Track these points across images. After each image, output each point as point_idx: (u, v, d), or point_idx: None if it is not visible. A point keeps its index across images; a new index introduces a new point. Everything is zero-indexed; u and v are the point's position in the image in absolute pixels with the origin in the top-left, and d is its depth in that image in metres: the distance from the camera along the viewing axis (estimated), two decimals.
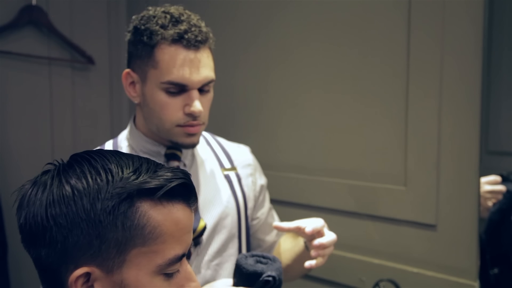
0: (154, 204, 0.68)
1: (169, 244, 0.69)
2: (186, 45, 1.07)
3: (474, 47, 1.31)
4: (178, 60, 1.06)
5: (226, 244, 1.21)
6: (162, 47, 1.07)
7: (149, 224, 0.67)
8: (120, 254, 0.67)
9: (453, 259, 1.39)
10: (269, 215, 1.35)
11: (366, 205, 1.55)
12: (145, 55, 1.09)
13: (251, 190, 1.27)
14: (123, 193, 0.66)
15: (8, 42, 1.98)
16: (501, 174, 1.36)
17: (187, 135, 1.12)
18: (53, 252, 0.67)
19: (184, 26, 1.07)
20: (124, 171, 0.68)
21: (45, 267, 0.69)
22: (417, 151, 1.43)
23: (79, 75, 2.21)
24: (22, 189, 0.71)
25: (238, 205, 1.23)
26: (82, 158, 0.70)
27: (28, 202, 0.69)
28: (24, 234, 0.70)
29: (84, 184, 0.66)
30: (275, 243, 1.35)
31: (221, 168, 1.25)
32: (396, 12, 1.45)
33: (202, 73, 1.09)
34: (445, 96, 1.37)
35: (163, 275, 0.70)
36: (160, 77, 1.07)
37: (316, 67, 1.64)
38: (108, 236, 0.66)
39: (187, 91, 1.09)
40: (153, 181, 0.68)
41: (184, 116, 1.10)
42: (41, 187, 0.68)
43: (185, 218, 0.71)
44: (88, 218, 0.65)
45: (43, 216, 0.66)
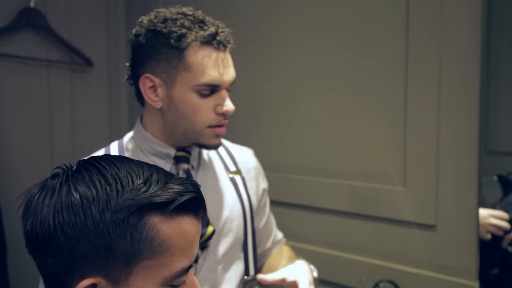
0: (164, 217, 0.67)
1: (176, 257, 0.68)
2: (217, 46, 1.07)
3: (473, 47, 1.31)
4: (212, 61, 1.07)
5: (233, 248, 1.20)
6: (194, 50, 1.06)
7: (158, 237, 0.67)
8: (127, 266, 0.66)
9: (452, 259, 1.39)
10: (268, 222, 1.33)
11: (366, 206, 1.55)
12: (173, 58, 1.07)
13: (254, 193, 1.27)
14: (133, 205, 0.65)
15: (6, 45, 1.98)
16: (500, 174, 1.36)
17: (215, 136, 1.13)
18: (59, 261, 0.66)
19: (213, 28, 1.07)
20: (134, 181, 0.67)
21: (50, 275, 0.69)
22: (416, 151, 1.43)
23: (77, 77, 2.21)
24: (29, 193, 0.70)
25: (243, 208, 1.22)
26: (91, 165, 0.69)
27: (35, 208, 0.67)
28: (30, 241, 0.68)
29: (94, 193, 0.65)
30: (269, 250, 1.35)
31: (227, 171, 1.24)
32: (395, 12, 1.44)
33: (231, 73, 1.11)
34: (444, 96, 1.37)
35: (170, 287, 0.69)
36: (195, 79, 1.07)
37: (314, 68, 1.64)
38: (116, 248, 0.65)
39: (217, 92, 1.10)
40: (163, 194, 0.67)
41: (216, 116, 1.10)
42: (49, 192, 0.67)
43: (193, 231, 0.71)
44: (96, 229, 0.64)
45: (51, 224, 0.65)
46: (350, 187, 1.58)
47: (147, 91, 1.12)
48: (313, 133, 1.66)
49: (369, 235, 1.57)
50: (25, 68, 2.05)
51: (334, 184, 1.61)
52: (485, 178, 1.35)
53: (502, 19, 1.32)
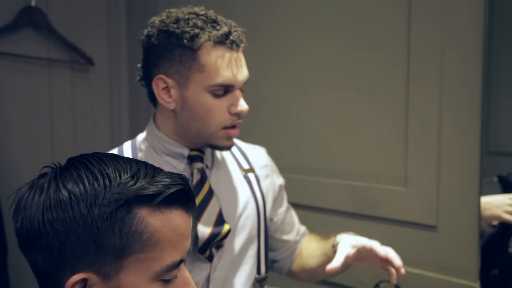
0: (152, 210, 0.67)
1: (167, 251, 0.68)
2: (230, 45, 1.06)
3: (475, 47, 1.31)
4: (225, 61, 1.06)
5: (246, 246, 1.19)
6: (207, 50, 1.05)
7: (147, 231, 0.67)
8: (117, 260, 0.66)
9: (453, 260, 1.39)
10: (287, 215, 1.32)
11: (367, 206, 1.55)
12: (186, 59, 1.06)
13: (269, 191, 1.26)
14: (120, 199, 0.65)
15: (7, 44, 1.98)
16: (501, 175, 1.36)
17: (227, 138, 1.12)
18: (49, 257, 0.66)
19: (225, 27, 1.06)
20: (121, 176, 0.67)
21: (42, 272, 0.69)
22: (417, 152, 1.43)
23: (78, 76, 2.21)
24: (19, 192, 0.71)
25: (257, 206, 1.21)
26: (79, 162, 0.69)
27: (25, 206, 0.68)
28: (21, 239, 0.69)
29: (81, 189, 0.65)
30: (296, 243, 1.33)
31: (240, 169, 1.24)
32: (397, 10, 1.44)
33: (244, 72, 1.10)
34: (446, 97, 1.37)
35: (161, 281, 0.69)
36: (209, 80, 1.06)
37: (315, 68, 1.64)
38: (105, 242, 0.65)
39: (230, 92, 1.09)
40: (151, 187, 0.67)
41: (230, 116, 1.10)
42: (38, 190, 0.68)
43: (183, 224, 0.71)
44: (85, 224, 0.64)
45: (40, 221, 0.65)
46: (351, 187, 1.58)
47: (160, 92, 1.10)
48: (314, 133, 1.66)
49: (370, 236, 1.56)
50: (26, 67, 2.05)
51: (335, 184, 1.61)
52: (486, 179, 1.35)
53: (504, 19, 1.32)
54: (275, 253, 1.32)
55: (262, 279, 1.24)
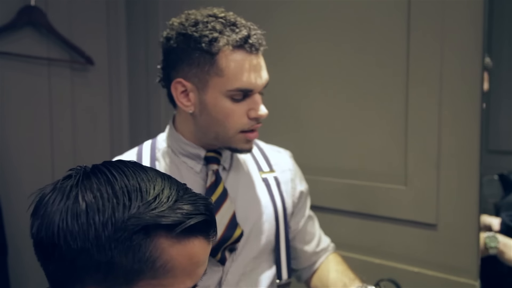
0: (169, 239, 0.65)
1: (180, 279, 0.66)
2: (249, 49, 1.04)
3: (474, 46, 1.31)
4: (245, 66, 1.03)
5: (263, 251, 1.18)
6: (226, 54, 1.03)
7: (161, 258, 0.64)
8: (127, 283, 0.64)
9: (453, 258, 1.39)
10: (308, 224, 1.29)
11: (366, 205, 1.55)
12: (204, 63, 1.04)
13: (289, 196, 1.23)
14: (138, 224, 0.63)
15: (7, 43, 1.97)
16: (501, 173, 1.36)
17: (246, 141, 1.11)
18: (61, 268, 0.65)
19: (245, 31, 1.04)
20: (143, 196, 0.64)
21: (53, 279, 0.68)
22: (417, 150, 1.43)
23: (78, 76, 2.21)
24: (41, 192, 0.68)
25: (276, 211, 1.19)
26: (101, 173, 0.67)
27: (44, 212, 0.66)
28: (36, 244, 0.68)
29: (100, 204, 0.63)
30: (315, 256, 1.29)
31: (260, 172, 1.21)
32: (396, 11, 1.44)
33: (264, 76, 1.07)
34: (445, 95, 1.37)
35: None
36: (227, 85, 1.04)
37: (315, 67, 1.64)
38: (117, 265, 0.63)
39: (250, 96, 1.06)
40: (171, 215, 0.64)
41: (249, 121, 1.08)
42: (59, 196, 0.66)
43: (200, 252, 0.68)
44: (98, 243, 0.63)
45: (55, 232, 0.64)
46: (351, 186, 1.58)
47: (179, 96, 1.09)
48: (314, 132, 1.66)
49: (370, 234, 1.57)
50: (25, 67, 2.04)
51: (335, 183, 1.61)
52: (486, 177, 1.35)
53: (503, 18, 1.32)
54: (294, 261, 1.29)
55: (284, 284, 1.22)
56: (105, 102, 2.31)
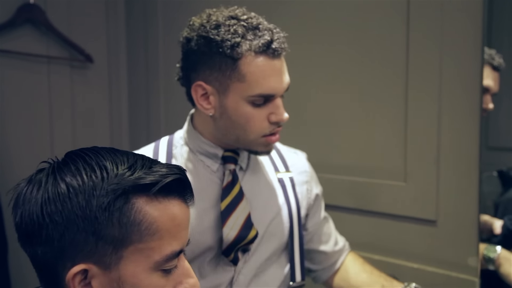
0: (149, 200, 0.68)
1: (166, 240, 0.69)
2: (272, 54, 1.02)
3: (473, 43, 1.31)
4: (267, 71, 1.02)
5: (276, 252, 1.17)
6: (248, 60, 1.01)
7: (145, 220, 0.67)
8: (117, 250, 0.66)
9: (453, 254, 1.39)
10: (323, 225, 1.29)
11: (366, 201, 1.55)
12: (226, 67, 1.02)
13: (304, 198, 1.23)
14: (118, 189, 0.66)
15: (6, 41, 1.97)
16: (500, 170, 1.36)
17: (267, 145, 1.10)
18: (49, 249, 0.66)
19: (268, 35, 1.02)
20: (119, 167, 0.67)
21: (42, 265, 0.69)
22: (417, 146, 1.43)
23: (77, 74, 2.21)
24: (18, 187, 0.71)
25: (290, 213, 1.18)
26: (77, 156, 0.70)
27: (23, 201, 0.68)
28: (20, 233, 0.70)
29: (79, 181, 0.66)
30: (335, 255, 1.29)
31: (276, 172, 1.21)
32: (395, 11, 1.44)
33: (285, 80, 1.06)
34: (445, 92, 1.37)
35: (161, 271, 0.69)
36: (249, 90, 1.02)
37: (315, 65, 1.64)
38: (104, 233, 0.65)
39: (271, 101, 1.05)
40: (148, 176, 0.67)
41: (270, 125, 1.07)
42: (36, 185, 0.68)
43: (181, 213, 0.71)
44: (83, 215, 0.65)
45: (39, 214, 0.66)
46: (351, 182, 1.58)
47: (199, 99, 1.08)
48: (313, 129, 1.66)
49: (369, 230, 1.57)
50: (25, 64, 2.04)
51: (335, 180, 1.61)
52: (486, 174, 1.35)
53: (502, 17, 1.32)
54: (311, 262, 1.30)
55: (297, 286, 1.22)
56: (105, 100, 2.31)
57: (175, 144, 1.17)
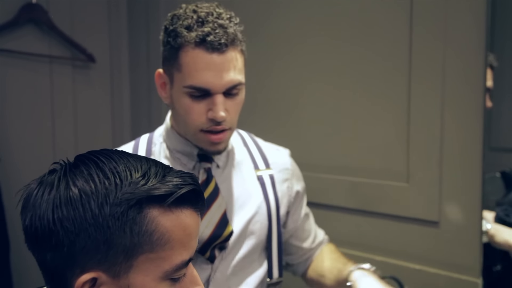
0: (163, 210, 0.67)
1: (176, 250, 0.68)
2: (209, 48, 1.01)
3: (477, 43, 1.30)
4: (200, 64, 1.02)
5: (254, 250, 1.18)
6: (186, 50, 1.02)
7: (157, 231, 0.67)
8: (127, 259, 0.66)
9: (456, 256, 1.39)
10: (304, 221, 1.30)
11: (369, 202, 1.55)
12: (171, 57, 1.05)
13: (285, 196, 1.23)
14: (132, 199, 0.65)
15: (8, 41, 1.97)
16: (503, 171, 1.36)
17: (210, 143, 1.08)
18: (59, 255, 0.66)
19: (207, 28, 1.01)
20: (132, 174, 0.67)
21: (50, 270, 0.68)
22: (419, 147, 1.43)
23: (80, 73, 2.21)
24: (28, 188, 0.70)
25: (269, 211, 1.18)
26: (89, 160, 0.69)
27: (34, 203, 0.67)
28: (29, 236, 0.68)
29: (92, 187, 0.65)
30: (311, 250, 1.32)
31: (255, 170, 1.21)
32: (399, 9, 1.44)
33: (226, 77, 1.03)
34: (448, 93, 1.37)
35: (170, 280, 0.69)
36: (183, 81, 1.04)
37: (317, 64, 1.64)
38: (115, 242, 0.65)
39: (211, 96, 1.04)
40: (162, 187, 0.67)
41: (208, 121, 1.05)
42: (48, 187, 0.67)
43: (193, 223, 0.71)
44: (95, 223, 0.64)
45: (50, 219, 0.65)
46: (353, 183, 1.58)
47: (160, 87, 1.12)
48: (316, 130, 1.66)
49: (372, 231, 1.57)
50: (27, 64, 2.04)
51: (337, 180, 1.61)
52: (489, 175, 1.34)
53: (506, 16, 1.32)
54: (290, 257, 1.31)
55: (274, 283, 1.22)
56: (107, 99, 2.31)
57: (155, 142, 1.19)
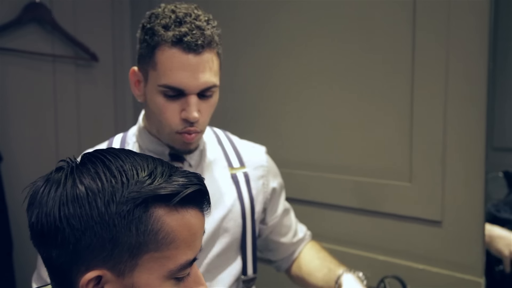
0: (168, 210, 0.68)
1: (181, 250, 0.69)
2: (185, 48, 1.01)
3: (480, 43, 1.30)
4: (176, 63, 1.02)
5: (228, 248, 1.18)
6: (162, 49, 1.02)
7: (163, 230, 0.67)
8: (132, 258, 0.66)
9: (458, 255, 1.39)
10: (284, 218, 1.31)
11: (371, 202, 1.55)
12: (146, 55, 1.05)
13: (260, 193, 1.23)
14: (138, 198, 0.66)
15: (12, 40, 1.98)
16: (506, 171, 1.36)
17: (183, 143, 1.09)
18: (64, 253, 0.66)
19: (185, 28, 1.01)
20: (139, 173, 0.67)
21: (56, 267, 0.69)
22: (422, 147, 1.43)
23: (83, 72, 2.21)
24: (34, 185, 0.70)
25: (243, 209, 1.19)
26: (96, 158, 0.69)
27: (40, 200, 0.67)
28: (35, 233, 0.68)
29: (99, 186, 0.66)
30: (293, 246, 1.32)
31: (229, 168, 1.21)
32: (401, 9, 1.44)
33: (201, 79, 1.03)
34: (451, 92, 1.36)
35: (174, 279, 0.70)
36: (158, 79, 1.04)
37: (320, 64, 1.64)
38: (121, 240, 0.65)
39: (185, 96, 1.04)
40: (168, 186, 0.67)
41: (181, 121, 1.05)
42: (54, 185, 0.67)
43: (197, 223, 0.71)
44: (102, 221, 0.65)
45: (56, 216, 0.65)
46: (356, 182, 1.58)
47: (134, 85, 1.12)
48: (318, 129, 1.66)
49: (374, 231, 1.57)
50: (30, 63, 2.05)
51: (340, 180, 1.61)
52: (491, 174, 1.34)
53: (509, 17, 1.32)
54: (271, 253, 1.33)
55: (249, 280, 1.23)
56: (110, 98, 2.32)
57: (128, 141, 1.19)
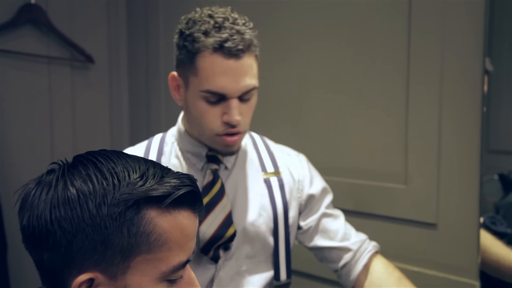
0: (160, 211, 0.67)
1: (174, 251, 0.68)
2: (226, 54, 1.03)
3: (475, 46, 1.31)
4: (218, 69, 1.04)
5: (260, 252, 1.18)
6: (204, 55, 1.04)
7: (155, 232, 0.67)
8: (124, 260, 0.66)
9: (453, 258, 1.39)
10: (326, 221, 1.25)
11: (367, 204, 1.55)
12: (187, 61, 1.07)
13: (295, 198, 1.22)
14: (130, 199, 0.65)
15: (7, 41, 1.97)
16: (501, 173, 1.36)
17: (225, 145, 1.11)
18: (56, 256, 0.65)
19: (225, 34, 1.03)
20: (130, 175, 0.67)
21: (47, 270, 0.68)
22: (417, 149, 1.43)
23: (78, 74, 2.21)
24: (25, 188, 0.70)
25: (275, 214, 1.18)
26: (87, 160, 0.69)
27: (31, 203, 0.67)
28: (27, 236, 0.68)
29: (90, 188, 0.65)
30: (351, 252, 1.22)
31: (263, 172, 1.21)
32: (397, 11, 1.44)
33: (242, 82, 1.06)
34: (446, 95, 1.37)
35: (167, 281, 0.69)
36: (200, 85, 1.06)
37: (316, 67, 1.64)
38: (113, 242, 0.65)
39: (226, 100, 1.06)
40: (160, 188, 0.67)
41: (223, 124, 1.08)
42: (46, 187, 0.67)
43: (190, 225, 0.71)
44: (93, 223, 0.64)
45: (47, 219, 0.65)
46: (352, 185, 1.58)
47: (174, 90, 1.14)
48: (314, 131, 1.66)
49: (370, 233, 1.56)
50: (25, 65, 2.04)
51: (336, 182, 1.61)
52: (486, 177, 1.34)
53: (504, 19, 1.32)
54: (326, 262, 1.25)
55: (281, 285, 1.22)
56: (105, 100, 2.31)
57: (167, 142, 1.21)
